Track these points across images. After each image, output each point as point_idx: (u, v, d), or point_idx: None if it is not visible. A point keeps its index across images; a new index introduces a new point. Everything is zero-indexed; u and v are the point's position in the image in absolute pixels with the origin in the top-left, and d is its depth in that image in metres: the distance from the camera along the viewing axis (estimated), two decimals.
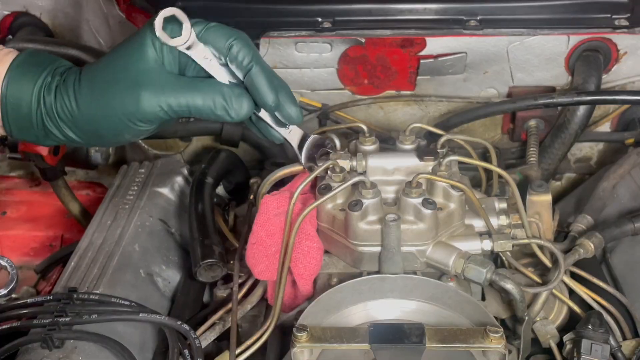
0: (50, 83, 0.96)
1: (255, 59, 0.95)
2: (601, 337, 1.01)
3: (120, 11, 1.42)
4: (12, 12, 1.55)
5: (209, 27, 0.96)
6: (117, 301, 1.04)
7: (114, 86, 0.93)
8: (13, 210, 1.58)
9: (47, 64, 0.97)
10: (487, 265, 1.02)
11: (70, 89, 0.95)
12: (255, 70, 0.94)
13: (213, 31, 0.95)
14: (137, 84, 0.92)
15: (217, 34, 0.95)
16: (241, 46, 0.94)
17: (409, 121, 1.41)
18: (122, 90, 0.93)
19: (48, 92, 0.95)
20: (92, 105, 0.94)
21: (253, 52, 0.95)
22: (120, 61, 0.94)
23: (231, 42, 0.94)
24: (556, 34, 1.38)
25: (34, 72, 0.96)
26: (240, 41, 0.95)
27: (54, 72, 0.96)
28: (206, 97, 0.93)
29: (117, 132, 0.95)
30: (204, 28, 0.95)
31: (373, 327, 0.94)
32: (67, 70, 0.97)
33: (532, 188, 1.18)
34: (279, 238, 1.07)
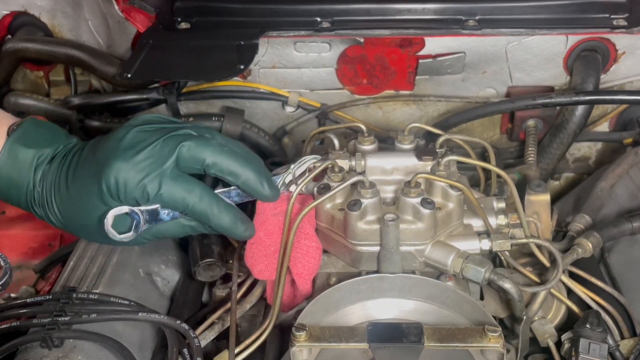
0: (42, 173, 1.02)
1: (210, 217, 1.01)
2: (599, 337, 1.01)
3: (119, 11, 1.42)
4: (11, 11, 1.55)
5: (161, 193, 0.99)
6: (116, 300, 1.04)
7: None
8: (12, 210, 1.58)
9: (44, 144, 1.03)
10: (485, 264, 1.02)
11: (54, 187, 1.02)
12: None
13: (167, 199, 1.00)
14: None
15: (172, 202, 1.00)
16: (196, 210, 1.00)
17: (408, 121, 1.42)
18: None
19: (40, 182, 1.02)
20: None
21: (209, 211, 1.01)
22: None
23: (187, 208, 1.00)
24: (555, 34, 1.38)
25: (30, 153, 1.02)
26: (195, 206, 1.00)
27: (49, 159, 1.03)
28: None
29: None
30: (157, 192, 0.99)
31: (372, 327, 0.94)
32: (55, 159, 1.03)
33: (531, 188, 1.18)
34: (277, 238, 1.07)
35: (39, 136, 1.05)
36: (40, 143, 1.04)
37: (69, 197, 1.01)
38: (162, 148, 0.99)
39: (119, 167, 0.97)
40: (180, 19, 1.44)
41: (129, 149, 0.99)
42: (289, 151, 1.54)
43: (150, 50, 1.38)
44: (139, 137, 1.00)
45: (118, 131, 1.02)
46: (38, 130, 1.05)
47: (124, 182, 0.97)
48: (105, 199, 0.99)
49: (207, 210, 1.00)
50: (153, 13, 1.45)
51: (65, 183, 1.01)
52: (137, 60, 1.36)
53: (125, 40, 1.50)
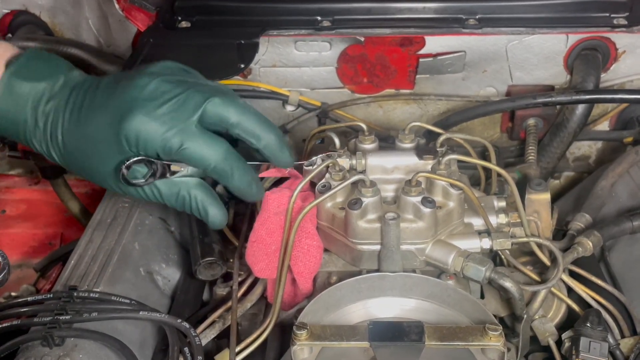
0: (46, 101, 0.99)
1: (231, 177, 0.99)
2: (600, 335, 1.01)
3: (119, 9, 1.42)
4: (11, 10, 1.55)
5: (183, 149, 0.96)
6: (117, 299, 1.04)
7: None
8: (12, 209, 1.58)
9: (47, 75, 0.99)
10: (486, 263, 1.02)
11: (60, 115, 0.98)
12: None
13: (192, 153, 0.97)
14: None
15: (194, 159, 0.97)
16: (218, 169, 0.98)
17: (408, 120, 1.42)
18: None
19: (42, 113, 0.99)
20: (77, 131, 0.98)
21: (230, 170, 0.99)
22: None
23: (209, 167, 0.98)
24: (555, 32, 1.38)
25: (31, 83, 0.98)
26: (218, 165, 0.98)
27: (51, 88, 0.99)
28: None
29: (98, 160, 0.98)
30: (180, 147, 0.96)
31: (372, 325, 0.94)
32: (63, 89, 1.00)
33: (531, 186, 1.18)
34: (278, 236, 1.08)
35: (37, 69, 1.00)
36: (38, 76, 0.99)
37: (78, 137, 0.97)
38: (187, 101, 0.95)
39: (141, 120, 0.94)
40: (181, 18, 1.44)
41: (152, 99, 0.94)
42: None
43: (150, 49, 1.38)
44: (162, 87, 0.96)
45: (139, 78, 0.97)
46: (37, 63, 1.01)
47: (145, 135, 0.94)
48: (123, 149, 0.95)
49: (228, 170, 0.98)
50: (153, 12, 1.45)
51: (75, 121, 0.97)
52: (138, 59, 1.36)
53: (125, 39, 1.50)
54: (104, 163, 0.98)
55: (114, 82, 1.00)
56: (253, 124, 0.99)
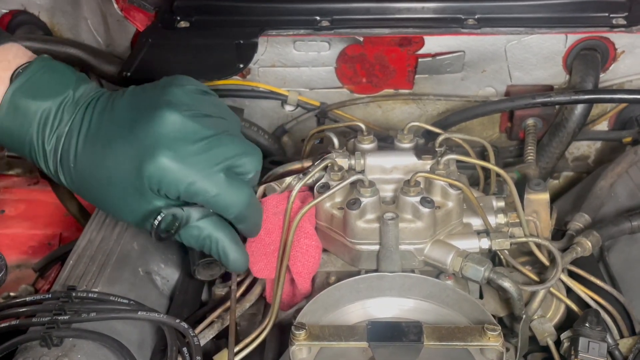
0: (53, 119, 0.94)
1: (250, 227, 1.01)
2: (598, 335, 1.01)
3: (118, 9, 1.42)
4: (10, 10, 1.55)
5: (212, 197, 0.93)
6: (115, 299, 1.03)
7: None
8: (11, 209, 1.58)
9: (57, 92, 0.94)
10: (484, 263, 1.02)
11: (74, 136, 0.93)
12: (244, 228, 1.01)
13: (220, 203, 0.95)
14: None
15: (223, 207, 0.96)
16: (240, 217, 0.98)
17: (407, 120, 1.42)
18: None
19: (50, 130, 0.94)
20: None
21: (251, 222, 1.00)
22: None
23: (233, 215, 0.97)
24: (554, 32, 1.38)
25: (39, 98, 0.93)
26: (241, 213, 0.97)
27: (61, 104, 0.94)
28: None
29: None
30: (207, 196, 0.93)
31: (371, 325, 0.94)
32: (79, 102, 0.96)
33: (530, 186, 1.18)
34: (277, 236, 1.07)
35: (44, 84, 0.94)
36: (45, 93, 0.93)
37: (94, 167, 0.92)
38: (217, 148, 0.91)
39: (166, 162, 0.88)
40: (180, 18, 1.44)
41: (178, 139, 0.89)
42: (289, 150, 1.54)
43: (149, 49, 1.38)
44: (189, 126, 0.90)
45: (163, 111, 0.91)
46: (44, 76, 0.95)
47: (170, 178, 0.89)
48: (144, 188, 0.91)
49: (249, 217, 0.97)
50: (152, 12, 1.45)
51: (90, 149, 0.92)
52: (137, 59, 1.36)
53: (124, 39, 1.50)
54: (123, 199, 0.93)
55: (132, 105, 0.94)
56: (249, 213, 0.98)
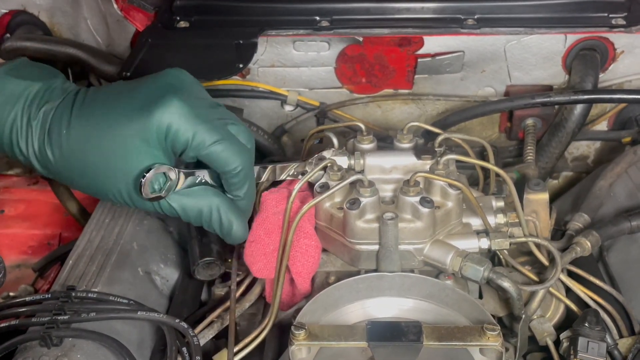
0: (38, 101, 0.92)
1: (246, 192, 0.98)
2: (598, 335, 1.02)
3: (118, 9, 1.42)
4: (10, 10, 1.55)
5: (218, 144, 0.92)
6: (115, 299, 1.04)
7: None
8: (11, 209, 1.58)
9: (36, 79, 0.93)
10: (484, 263, 1.02)
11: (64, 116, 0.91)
12: (240, 204, 1.00)
13: (221, 153, 0.92)
14: None
15: (223, 159, 0.93)
16: (239, 179, 0.96)
17: (407, 120, 1.42)
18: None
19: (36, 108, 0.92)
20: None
21: (248, 186, 0.97)
22: None
23: (233, 172, 0.94)
24: (553, 32, 1.38)
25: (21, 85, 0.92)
26: (241, 175, 0.95)
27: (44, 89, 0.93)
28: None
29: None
30: (212, 143, 0.91)
31: (371, 325, 0.94)
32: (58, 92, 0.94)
33: (530, 186, 1.18)
34: (277, 236, 1.08)
35: (32, 71, 0.94)
36: (32, 77, 0.92)
37: (88, 133, 0.89)
38: (221, 107, 0.93)
39: (178, 105, 0.87)
40: (179, 18, 1.44)
41: (187, 90, 0.90)
42: (288, 150, 1.54)
43: (149, 49, 1.38)
44: (197, 86, 0.92)
45: (165, 71, 0.92)
46: (32, 68, 0.95)
47: (179, 123, 0.87)
48: (151, 141, 0.88)
49: (248, 178, 0.95)
50: (152, 12, 1.45)
51: (87, 114, 0.89)
52: (136, 59, 1.36)
53: (124, 39, 1.50)
54: (124, 157, 0.89)
55: (131, 81, 0.94)
56: (250, 176, 0.98)
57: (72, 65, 1.54)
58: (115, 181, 0.92)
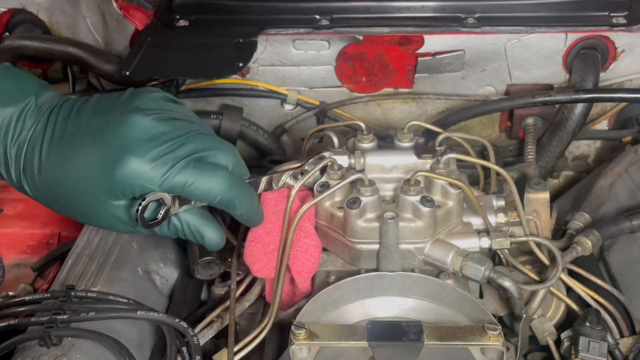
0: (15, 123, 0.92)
1: (241, 209, 0.98)
2: (599, 335, 1.01)
3: (117, 8, 1.41)
4: (9, 9, 1.54)
5: (191, 184, 0.93)
6: (114, 299, 1.03)
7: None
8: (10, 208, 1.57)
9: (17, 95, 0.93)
10: (485, 262, 1.02)
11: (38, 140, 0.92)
12: (241, 216, 1.00)
13: (195, 190, 0.94)
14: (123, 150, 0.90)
15: (200, 193, 0.94)
16: (226, 202, 0.96)
17: (407, 119, 1.42)
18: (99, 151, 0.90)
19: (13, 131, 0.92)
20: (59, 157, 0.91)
21: (238, 202, 0.97)
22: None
23: (215, 199, 0.95)
24: (554, 32, 1.38)
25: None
26: (224, 198, 0.96)
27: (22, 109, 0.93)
28: None
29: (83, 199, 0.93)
30: (185, 185, 0.93)
31: (371, 325, 0.94)
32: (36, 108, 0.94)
33: (530, 186, 1.18)
34: (277, 236, 1.07)
35: (4, 90, 0.93)
36: (5, 99, 0.92)
37: (60, 173, 0.91)
38: (185, 145, 0.92)
39: (138, 163, 0.89)
40: (179, 17, 1.44)
41: (148, 140, 0.90)
42: (288, 149, 1.54)
43: (148, 47, 1.38)
44: (157, 127, 0.92)
45: (130, 115, 0.92)
46: (5, 84, 0.94)
47: (144, 178, 0.89)
48: (116, 192, 0.91)
49: (235, 199, 0.96)
50: (151, 10, 1.45)
51: (55, 155, 0.91)
52: (136, 58, 1.35)
53: (123, 37, 1.50)
54: (93, 205, 0.92)
55: (98, 111, 0.94)
56: (235, 195, 0.97)
57: (71, 64, 1.54)
58: (91, 221, 0.97)
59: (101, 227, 1.00)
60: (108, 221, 0.96)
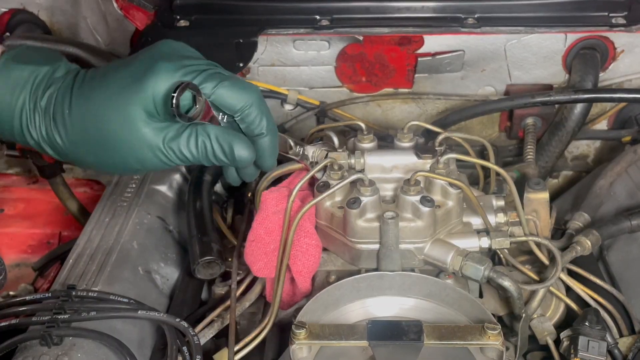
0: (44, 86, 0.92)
1: (267, 127, 0.95)
2: (598, 334, 1.02)
3: (117, 8, 1.42)
4: (9, 9, 1.55)
5: (221, 86, 0.92)
6: (115, 298, 1.04)
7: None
8: (11, 208, 1.58)
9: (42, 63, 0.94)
10: (484, 262, 1.02)
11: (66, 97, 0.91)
12: (265, 140, 0.96)
13: (226, 93, 0.92)
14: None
15: (230, 97, 0.93)
16: (255, 115, 0.94)
17: (407, 119, 1.42)
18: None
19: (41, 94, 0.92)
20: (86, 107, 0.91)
21: (266, 119, 0.95)
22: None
23: (245, 108, 0.93)
24: (553, 32, 1.38)
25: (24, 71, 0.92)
26: (254, 109, 0.94)
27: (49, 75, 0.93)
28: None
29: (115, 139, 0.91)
30: (216, 86, 0.92)
31: (371, 324, 0.94)
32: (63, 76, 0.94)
33: (530, 186, 1.18)
34: (277, 235, 1.07)
35: (37, 56, 0.95)
36: (37, 61, 0.94)
37: (89, 110, 0.90)
38: (214, 64, 0.94)
39: (171, 67, 0.89)
40: (179, 17, 1.44)
41: (179, 55, 0.92)
42: None
43: None
44: (187, 50, 0.94)
45: (158, 42, 0.94)
46: (36, 53, 0.96)
47: (175, 83, 0.88)
48: (149, 106, 0.89)
49: (264, 113, 0.94)
50: (152, 11, 1.45)
51: (84, 96, 0.91)
52: None
53: (124, 38, 1.50)
54: (129, 126, 0.89)
55: (128, 57, 0.95)
56: (265, 111, 0.95)
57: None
58: (121, 153, 0.92)
59: (132, 163, 0.93)
60: (144, 151, 0.91)
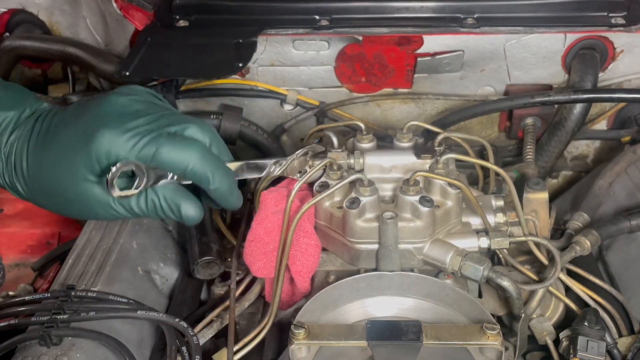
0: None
1: (214, 180, 0.94)
2: (597, 334, 1.02)
3: (117, 8, 1.42)
4: (8, 9, 1.55)
5: (160, 152, 0.92)
6: (114, 298, 1.04)
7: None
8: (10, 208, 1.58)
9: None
10: (484, 262, 1.02)
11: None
12: (217, 190, 0.95)
13: (166, 156, 0.92)
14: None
15: (171, 161, 0.93)
16: (199, 172, 0.94)
17: (406, 119, 1.42)
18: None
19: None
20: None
21: (211, 173, 0.94)
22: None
23: (187, 168, 0.93)
24: (553, 32, 1.38)
25: None
26: (197, 167, 0.93)
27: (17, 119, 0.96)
28: None
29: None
30: (156, 151, 0.92)
31: (370, 324, 0.94)
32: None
33: (529, 186, 1.18)
34: (276, 235, 1.07)
35: (4, 98, 0.97)
36: (4, 106, 0.96)
37: (43, 160, 0.93)
38: (161, 119, 0.93)
39: (113, 133, 0.90)
40: (179, 17, 1.44)
41: (124, 115, 0.92)
42: (288, 149, 1.54)
43: (148, 48, 1.38)
44: (134, 105, 0.94)
45: (109, 95, 0.95)
46: (4, 93, 0.98)
47: (117, 148, 0.91)
48: (94, 166, 0.91)
49: (208, 172, 0.94)
50: (151, 10, 1.45)
51: (40, 145, 0.93)
52: (136, 58, 1.35)
53: (123, 38, 1.50)
54: (77, 183, 0.93)
55: (82, 104, 0.97)
56: (207, 170, 0.95)
57: (71, 64, 1.54)
58: (76, 206, 0.95)
59: (87, 215, 0.98)
60: (95, 207, 0.94)
